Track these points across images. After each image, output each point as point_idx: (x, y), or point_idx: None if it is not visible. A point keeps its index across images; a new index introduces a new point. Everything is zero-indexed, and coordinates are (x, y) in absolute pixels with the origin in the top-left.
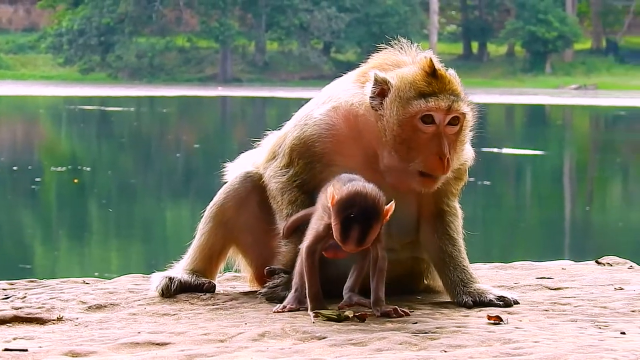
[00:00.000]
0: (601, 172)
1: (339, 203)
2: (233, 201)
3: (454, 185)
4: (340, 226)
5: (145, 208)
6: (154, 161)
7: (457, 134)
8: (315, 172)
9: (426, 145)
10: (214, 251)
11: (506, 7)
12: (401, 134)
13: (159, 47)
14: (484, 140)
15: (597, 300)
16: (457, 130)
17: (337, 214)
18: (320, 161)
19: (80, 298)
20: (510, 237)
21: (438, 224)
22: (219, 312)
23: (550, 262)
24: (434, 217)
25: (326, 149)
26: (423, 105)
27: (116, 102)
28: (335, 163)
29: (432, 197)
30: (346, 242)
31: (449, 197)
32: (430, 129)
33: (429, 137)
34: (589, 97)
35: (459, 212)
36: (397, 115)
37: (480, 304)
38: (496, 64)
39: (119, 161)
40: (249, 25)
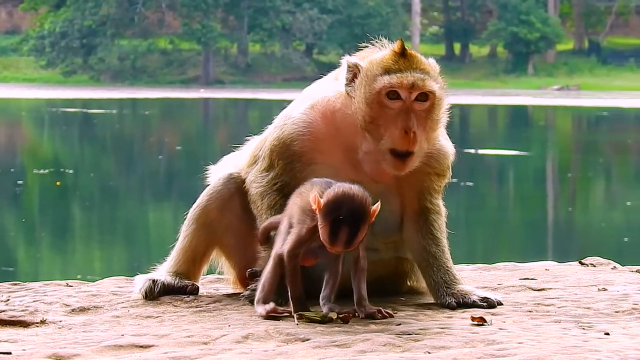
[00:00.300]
0: (584, 173)
1: (327, 205)
2: (216, 203)
3: (436, 181)
4: (329, 228)
5: (128, 210)
6: (137, 163)
7: (427, 112)
8: (295, 172)
9: (393, 121)
10: (197, 253)
11: (488, 8)
12: (369, 112)
13: (141, 49)
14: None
15: (580, 301)
16: (427, 108)
17: (325, 216)
18: (299, 160)
19: (63, 301)
20: (493, 238)
21: (422, 223)
22: (202, 315)
23: (533, 263)
24: (417, 215)
25: (305, 147)
26: (387, 81)
27: (98, 104)
28: (314, 161)
29: (415, 194)
30: (335, 244)
31: (431, 195)
32: (396, 105)
33: (395, 113)
34: (571, 98)
35: (442, 210)
36: (364, 94)
37: (463, 305)
38: (478, 65)
39: (101, 163)
40: (231, 27)
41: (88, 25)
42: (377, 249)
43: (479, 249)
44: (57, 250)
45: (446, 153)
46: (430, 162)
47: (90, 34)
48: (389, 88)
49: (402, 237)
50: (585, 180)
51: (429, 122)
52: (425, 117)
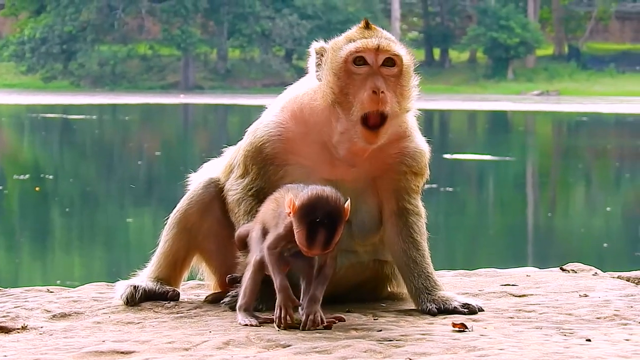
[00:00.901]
0: (564, 178)
1: (302, 208)
2: (197, 207)
3: (413, 181)
4: (305, 231)
5: (108, 216)
6: (117, 169)
7: (396, 78)
8: (270, 176)
9: (361, 86)
10: (178, 258)
11: (468, 14)
12: (337, 82)
13: (121, 55)
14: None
15: (562, 307)
16: (396, 73)
17: (300, 220)
18: (272, 163)
19: (44, 307)
20: (473, 243)
21: (401, 225)
22: (183, 321)
23: (514, 269)
24: (396, 216)
25: (276, 149)
26: (352, 47)
27: (78, 110)
28: (287, 162)
29: (392, 193)
30: (312, 247)
31: (409, 195)
32: (363, 70)
33: (363, 78)
34: (551, 103)
35: (422, 212)
36: (331, 67)
37: (444, 312)
38: (458, 70)
39: (81, 169)
40: (211, 33)
41: (68, 31)
42: (355, 251)
43: (460, 254)
44: (37, 256)
45: (422, 151)
46: (406, 160)
47: (70, 39)
48: (354, 53)
49: (381, 239)
50: (565, 185)
51: (399, 89)
52: (395, 82)
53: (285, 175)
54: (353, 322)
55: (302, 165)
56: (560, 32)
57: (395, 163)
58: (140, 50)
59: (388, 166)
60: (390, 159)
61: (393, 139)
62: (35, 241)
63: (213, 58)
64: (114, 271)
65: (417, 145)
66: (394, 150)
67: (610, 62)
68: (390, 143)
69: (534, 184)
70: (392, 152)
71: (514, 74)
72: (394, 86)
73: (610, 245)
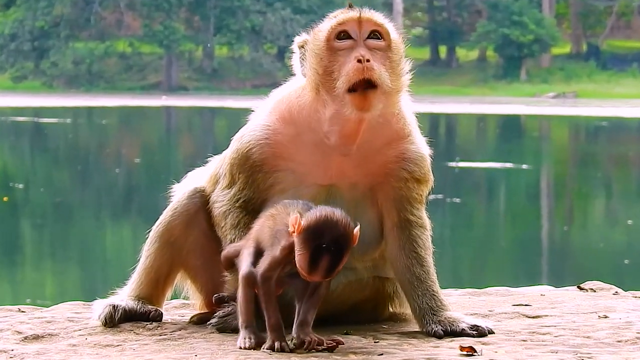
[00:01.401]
0: (581, 189)
1: (308, 230)
2: (181, 219)
3: (416, 189)
4: (308, 256)
5: (83, 229)
6: (93, 177)
7: (384, 51)
8: (258, 184)
9: (346, 59)
10: (161, 274)
11: (477, 8)
12: (321, 62)
13: (98, 52)
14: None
15: (579, 330)
16: (384, 46)
17: (305, 243)
18: (261, 170)
19: (15, 327)
20: (483, 260)
21: (404, 238)
22: (166, 343)
23: (528, 288)
24: (398, 229)
25: (264, 153)
26: (333, 23)
27: (51, 112)
28: (277, 168)
29: (393, 203)
30: (313, 273)
31: (412, 205)
32: (346, 44)
33: (347, 52)
34: (568, 106)
35: (427, 224)
36: (314, 49)
37: (451, 334)
38: (466, 70)
39: (54, 177)
40: (196, 29)
41: (40, 27)
42: (354, 267)
43: (468, 271)
44: (6, 273)
45: (424, 155)
46: (407, 165)
47: (42, 36)
48: (336, 28)
49: (382, 254)
50: (583, 196)
51: (388, 62)
52: (383, 55)
53: (275, 183)
54: (352, 345)
55: (293, 171)
56: (578, 29)
57: (395, 168)
58: (119, 47)
59: (387, 171)
60: (389, 162)
61: (392, 139)
62: (4, 256)
63: (198, 56)
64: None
65: (419, 148)
66: (393, 153)
67: (632, 62)
68: (388, 144)
69: (549, 195)
70: (391, 155)
71: (528, 74)
72: (382, 59)
73: (632, 262)
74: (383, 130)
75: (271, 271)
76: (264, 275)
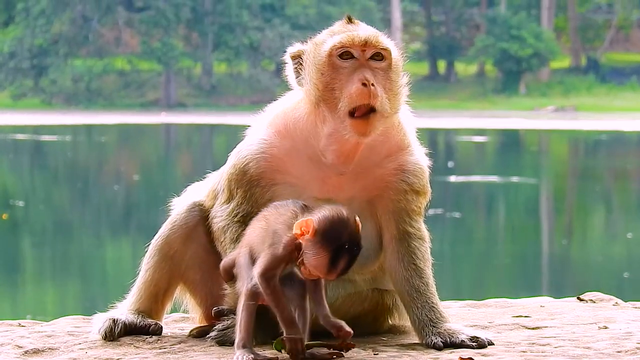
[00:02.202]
0: (581, 202)
1: (326, 233)
2: (179, 232)
3: (415, 200)
4: (329, 258)
5: (83, 245)
6: (92, 195)
7: (385, 71)
8: (257, 199)
9: (349, 79)
10: (160, 288)
11: (475, 23)
12: (322, 78)
13: (97, 69)
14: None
15: (579, 341)
16: (384, 67)
17: (322, 246)
18: (258, 185)
19: (16, 342)
20: (483, 272)
21: (403, 250)
22: (166, 357)
23: (527, 299)
24: (397, 241)
25: (261, 167)
26: (337, 40)
27: (50, 130)
28: (275, 182)
29: (391, 215)
30: (331, 274)
31: (411, 217)
32: (349, 63)
33: (350, 72)
34: (567, 120)
35: (425, 235)
36: (315, 63)
37: (451, 345)
38: (465, 85)
39: (53, 195)
40: (195, 46)
41: (39, 45)
42: (354, 280)
43: (468, 284)
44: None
45: (423, 167)
46: (407, 177)
47: (41, 53)
48: (339, 47)
49: (382, 266)
50: (582, 210)
51: (388, 84)
52: (384, 76)
53: (273, 197)
54: (351, 357)
55: (291, 184)
56: (577, 43)
57: (394, 180)
58: (118, 64)
59: (386, 184)
60: (388, 175)
61: (391, 151)
62: (5, 272)
63: (197, 73)
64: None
65: (418, 160)
66: (392, 165)
67: (631, 75)
68: (387, 156)
69: (549, 208)
70: (389, 167)
71: (527, 88)
72: (383, 80)
73: (632, 275)
74: (382, 145)
75: (273, 270)
76: (264, 274)
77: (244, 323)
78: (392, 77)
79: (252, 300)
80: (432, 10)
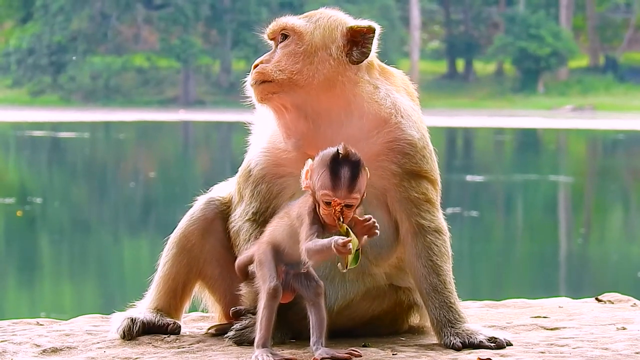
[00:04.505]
0: (599, 201)
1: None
2: (197, 225)
3: (417, 187)
4: (328, 172)
5: (101, 243)
6: (110, 192)
7: (286, 47)
8: (264, 195)
9: None
10: (178, 282)
11: (494, 22)
12: None
13: (115, 67)
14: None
15: (597, 341)
16: (287, 43)
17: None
18: (263, 180)
19: (34, 341)
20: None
21: (419, 246)
22: (184, 356)
23: (545, 300)
24: (413, 235)
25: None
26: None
27: (69, 127)
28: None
29: (399, 205)
30: (337, 188)
31: (419, 207)
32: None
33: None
34: (585, 119)
35: (442, 228)
36: None
37: (469, 346)
38: (483, 84)
39: (72, 192)
40: (214, 43)
41: (57, 41)
42: (372, 273)
43: (486, 284)
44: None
45: (413, 142)
46: (396, 156)
47: (59, 50)
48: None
49: (400, 262)
50: (600, 209)
51: (288, 56)
52: (284, 52)
53: (281, 190)
54: (370, 357)
55: (295, 177)
56: (595, 42)
57: (385, 159)
58: (136, 61)
59: (378, 164)
60: (378, 152)
61: (376, 124)
62: (22, 270)
63: (215, 70)
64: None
65: (407, 136)
66: (380, 139)
67: None
68: (373, 130)
69: (567, 207)
70: (378, 142)
71: (545, 87)
72: (282, 56)
73: None
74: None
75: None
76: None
77: (265, 322)
78: (295, 49)
79: (274, 298)
80: (450, 9)
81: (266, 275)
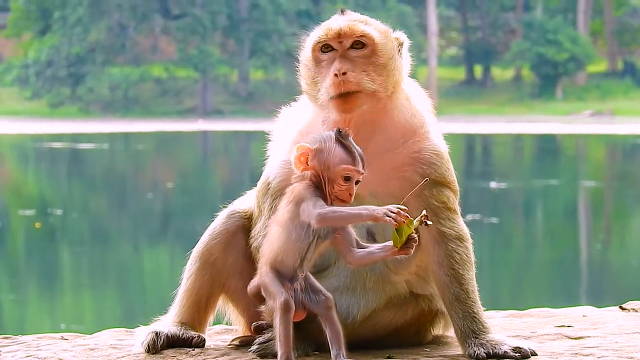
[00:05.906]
0: (620, 207)
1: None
2: (219, 238)
3: (438, 195)
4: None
5: (121, 254)
6: (130, 203)
7: (367, 58)
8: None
9: (327, 71)
10: (202, 296)
11: (512, 27)
12: (309, 72)
13: (134, 77)
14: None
15: (622, 350)
16: (367, 53)
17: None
18: (281, 194)
19: (59, 355)
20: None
21: (441, 254)
22: None
23: (569, 309)
24: (434, 243)
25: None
26: (315, 36)
27: (88, 138)
28: None
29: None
30: (355, 160)
31: (439, 215)
32: (329, 55)
33: (329, 64)
34: (604, 124)
35: (464, 235)
36: (303, 60)
37: (494, 356)
38: (502, 90)
39: (91, 203)
40: (231, 52)
41: (76, 53)
42: (391, 281)
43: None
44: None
45: (439, 152)
46: (421, 167)
47: (78, 62)
48: (317, 41)
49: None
50: (622, 215)
51: (372, 67)
52: (366, 62)
53: None
54: None
55: None
56: (613, 46)
57: (409, 170)
58: (154, 72)
59: (402, 174)
60: (403, 163)
61: (404, 135)
62: (43, 282)
63: (233, 80)
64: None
65: (435, 146)
66: (406, 151)
67: None
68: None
69: (587, 214)
70: (403, 153)
71: (563, 92)
72: (365, 66)
73: None
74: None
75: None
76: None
77: (283, 337)
78: (377, 60)
79: (287, 312)
80: (468, 15)
81: (274, 293)
